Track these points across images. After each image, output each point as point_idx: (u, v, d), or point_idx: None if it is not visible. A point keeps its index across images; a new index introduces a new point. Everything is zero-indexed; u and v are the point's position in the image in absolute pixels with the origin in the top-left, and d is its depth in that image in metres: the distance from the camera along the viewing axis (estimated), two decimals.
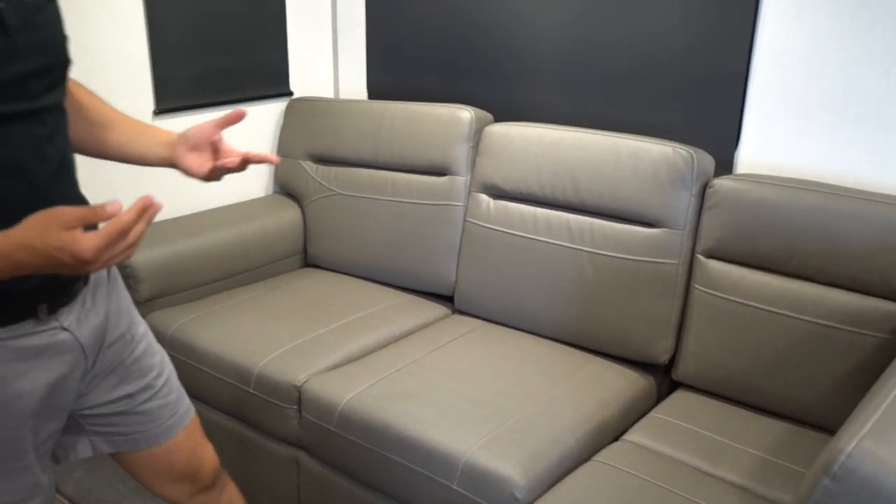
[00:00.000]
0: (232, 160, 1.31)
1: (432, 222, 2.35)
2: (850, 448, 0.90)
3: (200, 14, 2.39)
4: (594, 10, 2.21)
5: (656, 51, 2.14)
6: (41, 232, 0.95)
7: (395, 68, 2.72)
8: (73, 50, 1.99)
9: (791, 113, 1.99)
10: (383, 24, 2.70)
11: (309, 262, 2.66)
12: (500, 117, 2.42)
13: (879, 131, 1.87)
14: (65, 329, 1.19)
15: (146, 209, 0.99)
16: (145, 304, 2.21)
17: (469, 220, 2.27)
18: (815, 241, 1.75)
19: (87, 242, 0.95)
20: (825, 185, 1.84)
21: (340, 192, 2.54)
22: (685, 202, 1.91)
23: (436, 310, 2.34)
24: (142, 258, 2.17)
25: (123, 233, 0.96)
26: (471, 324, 2.24)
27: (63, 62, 1.17)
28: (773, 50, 1.98)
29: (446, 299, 2.40)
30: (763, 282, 1.82)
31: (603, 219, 2.03)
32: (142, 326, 1.40)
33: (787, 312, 1.79)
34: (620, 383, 1.94)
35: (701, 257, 1.92)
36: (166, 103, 2.37)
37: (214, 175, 1.34)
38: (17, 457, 1.18)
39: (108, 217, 0.96)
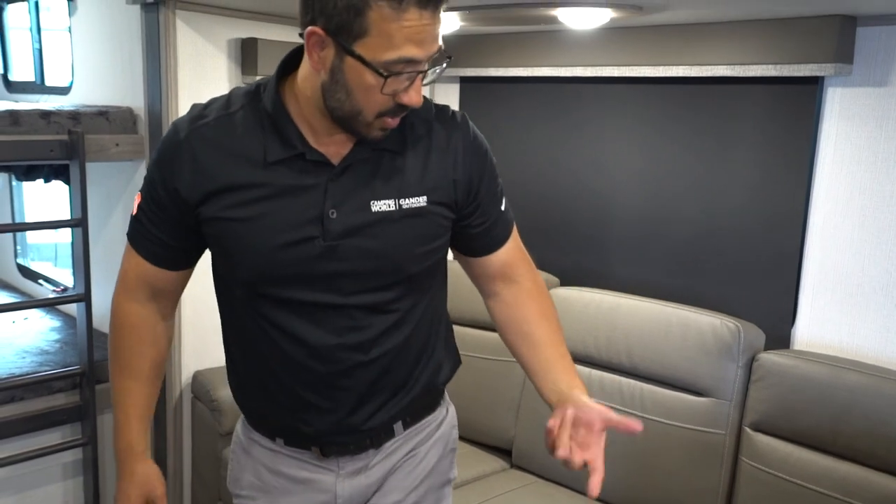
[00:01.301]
0: (577, 459, 1.16)
1: (496, 378, 2.46)
2: None
3: None
4: (663, 189, 2.36)
5: (718, 229, 2.25)
6: (131, 480, 1.30)
7: None
8: None
9: (845, 294, 2.02)
10: None
11: None
12: (568, 282, 2.56)
13: None
14: (331, 471, 1.29)
15: None
16: (226, 437, 2.40)
17: None
18: (861, 422, 1.74)
19: None
20: (872, 366, 1.84)
21: None
22: (732, 373, 1.95)
23: (493, 462, 2.41)
24: (226, 393, 2.38)
25: None
26: (525, 479, 2.29)
27: (384, 272, 1.19)
28: (825, 233, 2.05)
29: (505, 453, 2.46)
30: (809, 459, 1.81)
31: (654, 384, 2.09)
32: None
33: (834, 494, 1.76)
34: None
35: (748, 430, 1.93)
36: None
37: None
38: None
39: None
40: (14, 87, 3.23)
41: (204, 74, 2.41)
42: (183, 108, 2.35)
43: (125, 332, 1.34)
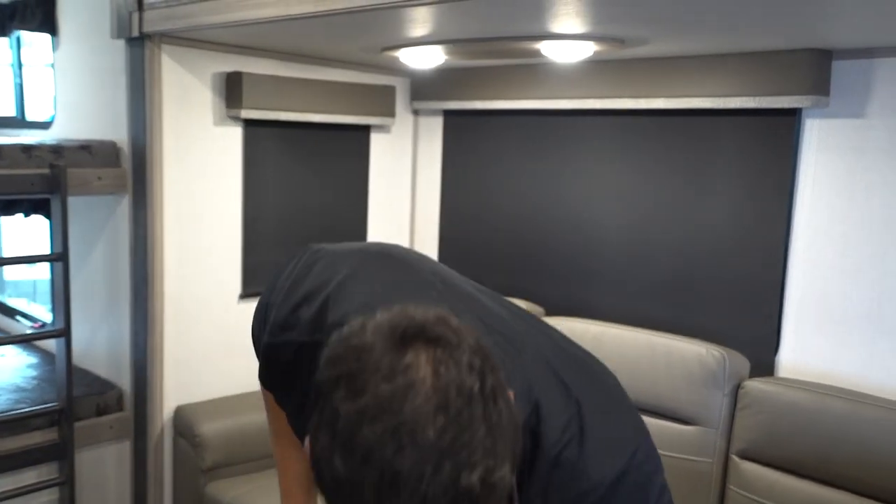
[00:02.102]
0: None
1: None
2: None
3: (290, 210, 2.72)
4: (647, 219, 2.39)
5: (702, 258, 2.27)
6: None
7: (465, 264, 2.94)
8: (180, 243, 2.28)
9: (829, 321, 2.04)
10: (455, 225, 2.97)
11: None
12: (554, 312, 2.56)
13: None
14: None
15: None
16: (208, 473, 2.36)
17: None
18: (847, 448, 1.75)
19: None
20: (858, 392, 1.85)
21: None
22: (718, 401, 1.96)
23: None
24: (209, 429, 2.36)
25: None
26: None
27: None
28: (807, 262, 2.08)
29: None
30: (796, 487, 1.81)
31: (641, 414, 2.08)
32: None
33: None
34: None
35: (735, 458, 1.93)
36: (251, 288, 2.65)
37: None
38: None
39: None
40: None
41: (189, 108, 2.41)
42: (167, 141, 2.36)
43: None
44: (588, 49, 1.98)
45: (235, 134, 2.53)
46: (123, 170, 2.42)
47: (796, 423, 1.82)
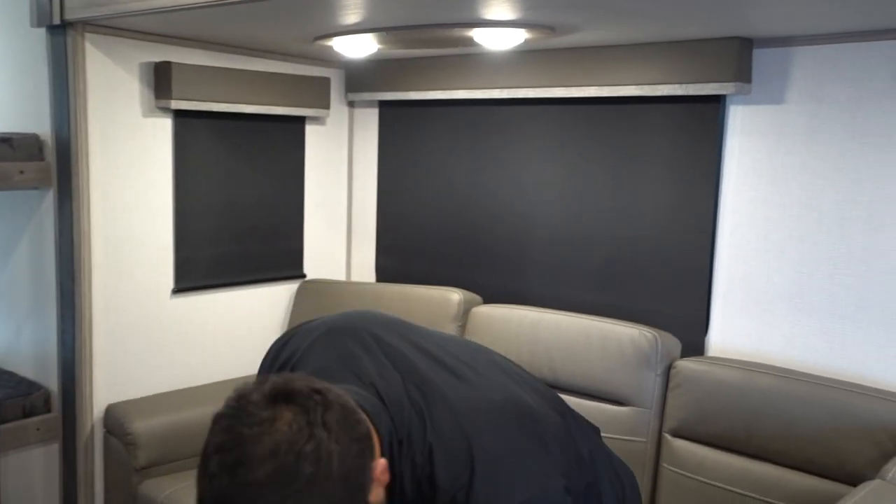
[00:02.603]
0: None
1: None
2: None
3: (224, 204, 2.68)
4: (580, 207, 2.43)
5: (634, 244, 2.32)
6: None
7: (402, 255, 2.95)
8: (109, 236, 2.25)
9: (753, 302, 2.11)
10: (392, 217, 2.96)
11: None
12: (491, 300, 2.58)
13: (833, 320, 1.98)
14: None
15: None
16: (142, 472, 2.31)
17: None
18: (773, 423, 1.81)
19: None
20: (783, 369, 1.92)
21: None
22: (651, 382, 2.00)
23: None
24: (143, 426, 2.31)
25: None
26: None
27: None
28: (732, 245, 2.14)
29: None
30: (726, 462, 1.87)
31: (577, 396, 2.12)
32: None
33: (751, 494, 1.82)
34: None
35: (668, 436, 1.98)
36: (184, 283, 2.60)
37: None
38: None
39: None
40: None
41: (116, 99, 2.35)
42: (93, 133, 2.30)
43: None
44: (519, 36, 2.00)
45: (165, 125, 2.48)
46: (47, 163, 2.35)
47: (725, 399, 1.88)
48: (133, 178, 2.43)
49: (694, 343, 2.18)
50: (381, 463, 1.00)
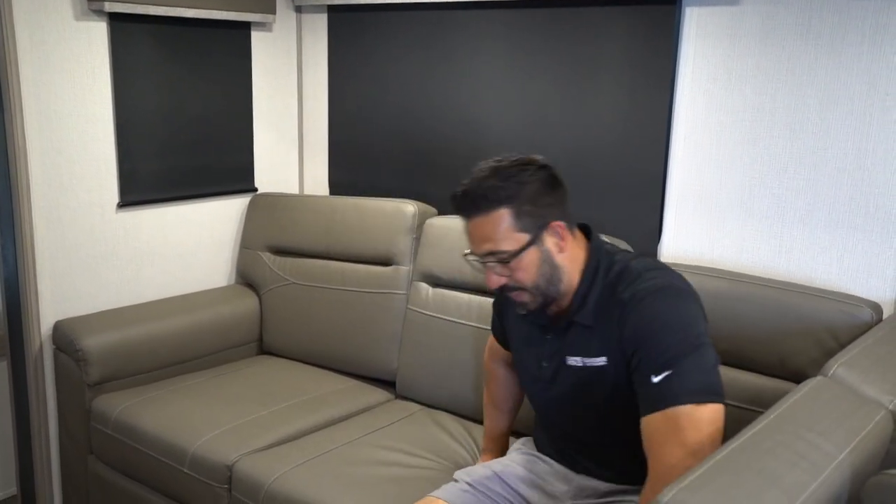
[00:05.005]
0: None
1: (377, 310, 2.45)
2: (667, 500, 0.97)
3: (169, 115, 2.58)
4: (535, 114, 2.38)
5: (589, 151, 2.29)
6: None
7: (355, 167, 2.89)
8: (46, 149, 2.16)
9: (706, 209, 2.12)
10: (344, 127, 2.89)
11: (264, 349, 2.75)
12: (446, 211, 2.55)
13: (782, 224, 2.00)
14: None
15: None
16: (94, 388, 2.29)
17: (410, 307, 2.38)
18: (724, 324, 1.83)
19: None
20: (732, 273, 1.95)
21: (295, 281, 2.65)
22: None
23: (378, 395, 2.41)
24: (93, 342, 2.27)
25: None
26: (410, 408, 2.31)
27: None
28: (686, 151, 2.13)
29: (391, 385, 2.47)
30: None
31: None
32: None
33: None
34: None
35: None
36: (130, 197, 2.52)
37: None
38: None
39: None
40: None
41: (44, 1, 2.21)
42: (21, 39, 2.17)
43: (487, 377, 1.93)
44: None
45: (100, 29, 2.35)
46: None
47: None
48: (68, 87, 2.31)
49: (649, 250, 2.20)
50: (560, 224, 1.51)
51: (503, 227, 1.45)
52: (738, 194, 2.06)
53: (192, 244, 2.74)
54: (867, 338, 1.58)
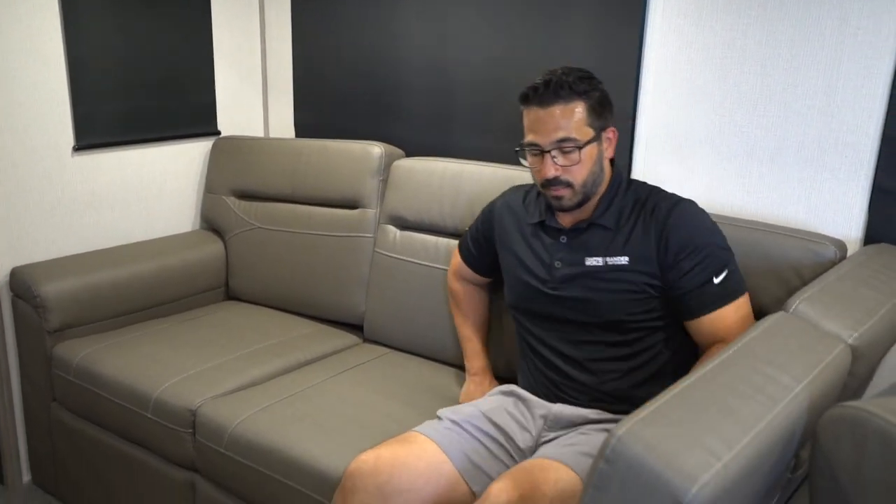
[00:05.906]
0: None
1: (344, 253, 2.42)
2: (622, 432, 0.96)
3: (126, 54, 2.49)
4: (503, 55, 2.32)
5: None
6: (466, 389, 1.99)
7: (321, 109, 2.82)
8: (32, 87, 2.02)
9: (676, 148, 2.09)
10: (310, 68, 2.81)
11: (231, 295, 2.72)
12: (414, 153, 2.51)
13: (750, 162, 1.98)
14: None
15: None
16: (54, 335, 2.24)
17: (377, 250, 2.35)
18: None
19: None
20: None
21: (261, 226, 2.61)
22: None
23: (346, 339, 2.40)
24: (52, 289, 2.22)
25: None
26: (377, 352, 2.29)
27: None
28: (656, 91, 2.09)
29: (359, 329, 2.45)
30: None
31: None
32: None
33: None
34: None
35: None
36: (87, 140, 2.44)
37: None
38: None
39: None
40: None
41: None
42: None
43: (455, 299, 2.07)
44: None
45: None
46: None
47: None
48: (13, 23, 2.21)
49: None
50: (613, 130, 1.69)
51: (578, 117, 1.60)
52: (707, 132, 2.03)
53: (155, 189, 2.67)
54: (829, 275, 1.57)
